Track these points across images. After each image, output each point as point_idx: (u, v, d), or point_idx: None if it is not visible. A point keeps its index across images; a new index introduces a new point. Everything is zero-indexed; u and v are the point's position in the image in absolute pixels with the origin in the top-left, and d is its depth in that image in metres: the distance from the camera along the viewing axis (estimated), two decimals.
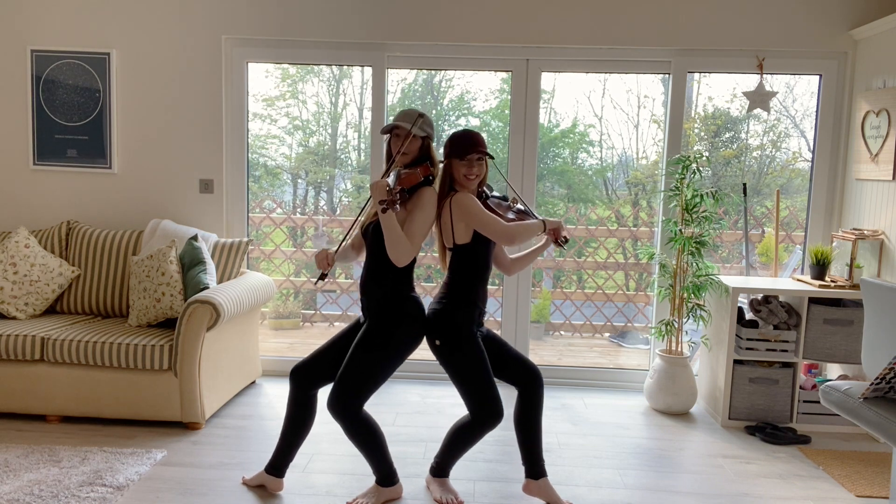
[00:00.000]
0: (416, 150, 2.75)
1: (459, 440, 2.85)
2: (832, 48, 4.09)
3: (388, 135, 2.81)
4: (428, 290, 5.69)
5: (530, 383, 2.81)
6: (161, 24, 4.21)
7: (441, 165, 2.82)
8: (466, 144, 2.73)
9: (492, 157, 2.78)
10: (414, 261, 2.74)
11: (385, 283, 2.74)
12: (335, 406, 2.66)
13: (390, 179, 2.59)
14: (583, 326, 5.85)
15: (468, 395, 2.73)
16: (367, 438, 2.74)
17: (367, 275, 2.79)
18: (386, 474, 2.83)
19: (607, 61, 4.25)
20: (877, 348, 2.50)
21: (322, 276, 2.80)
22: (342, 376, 2.67)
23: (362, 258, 2.93)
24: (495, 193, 2.96)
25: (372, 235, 2.75)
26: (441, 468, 2.95)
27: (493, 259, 2.86)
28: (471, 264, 2.76)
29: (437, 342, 2.74)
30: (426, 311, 2.80)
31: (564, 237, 2.88)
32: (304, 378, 2.85)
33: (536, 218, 2.88)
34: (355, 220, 2.87)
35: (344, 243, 2.91)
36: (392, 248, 2.61)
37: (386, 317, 2.72)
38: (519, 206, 2.95)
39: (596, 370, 4.55)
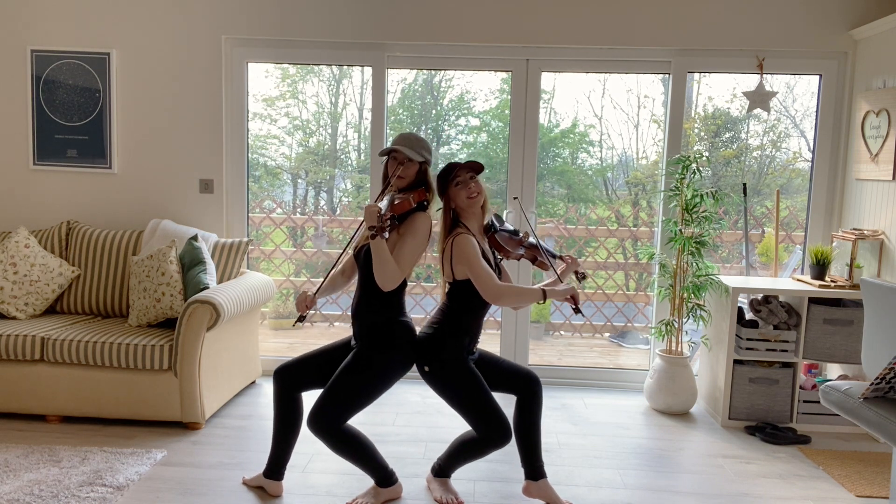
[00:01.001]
0: (413, 174, 2.74)
1: (465, 451, 2.84)
2: (832, 48, 4.09)
3: (386, 157, 2.81)
4: (428, 290, 5.69)
5: (528, 390, 2.80)
6: (161, 24, 4.21)
7: (441, 205, 2.80)
8: (449, 169, 2.74)
9: (482, 168, 2.76)
10: (405, 284, 2.74)
11: (376, 307, 2.73)
12: (316, 424, 2.62)
13: (383, 205, 2.57)
14: (583, 326, 5.85)
15: (469, 417, 2.71)
16: (353, 448, 2.71)
17: (359, 300, 2.77)
18: (383, 477, 2.83)
19: (607, 61, 4.25)
20: (877, 348, 2.50)
21: (301, 318, 2.75)
22: (326, 396, 2.65)
23: (352, 286, 2.91)
24: (507, 226, 2.92)
25: (364, 259, 2.74)
26: (443, 470, 2.95)
27: None
28: (467, 298, 2.74)
29: (426, 368, 2.72)
30: (417, 334, 2.79)
31: (583, 273, 2.83)
32: (288, 379, 2.84)
33: (548, 253, 2.85)
34: (343, 251, 2.87)
35: (327, 279, 2.87)
36: (379, 273, 2.60)
37: (376, 342, 2.72)
38: (531, 239, 2.90)
39: (596, 370, 4.55)
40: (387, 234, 2.52)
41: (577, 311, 2.69)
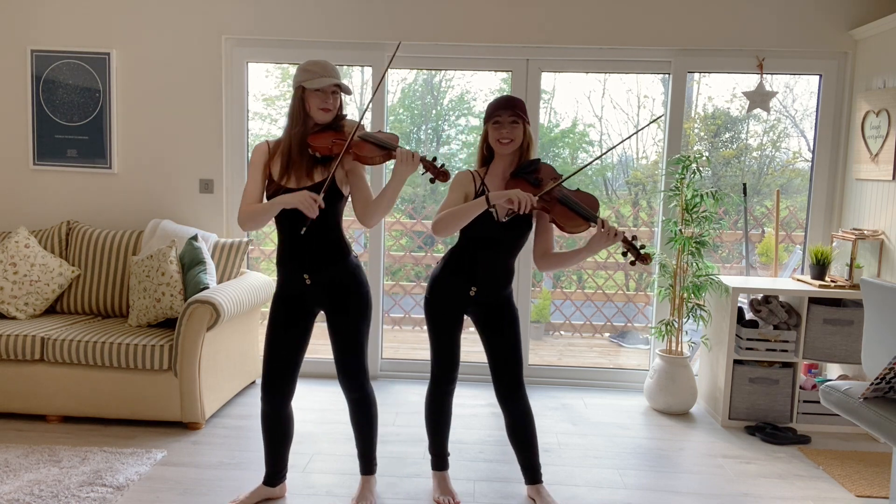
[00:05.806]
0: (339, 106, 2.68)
1: (434, 415, 2.92)
2: (832, 48, 4.08)
3: (302, 89, 2.62)
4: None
5: (511, 395, 2.78)
6: (161, 24, 4.21)
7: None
8: (494, 106, 2.65)
9: (527, 123, 2.66)
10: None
11: (335, 252, 2.62)
12: (357, 381, 2.73)
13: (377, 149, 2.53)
14: (583, 326, 5.85)
15: (432, 349, 2.86)
16: (373, 416, 2.81)
17: (311, 250, 2.57)
18: (373, 460, 2.87)
19: (607, 61, 4.25)
20: (877, 348, 2.50)
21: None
22: (353, 359, 2.69)
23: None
24: (535, 170, 2.64)
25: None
26: (439, 459, 2.96)
27: (520, 241, 2.73)
28: (460, 235, 2.75)
29: (426, 296, 2.86)
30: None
31: (644, 253, 2.57)
32: (280, 393, 2.69)
33: (577, 210, 2.54)
34: (324, 185, 2.51)
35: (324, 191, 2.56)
36: (384, 213, 2.61)
37: (349, 292, 2.65)
38: (553, 191, 2.54)
39: (596, 370, 4.55)
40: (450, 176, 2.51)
41: (510, 213, 2.44)
